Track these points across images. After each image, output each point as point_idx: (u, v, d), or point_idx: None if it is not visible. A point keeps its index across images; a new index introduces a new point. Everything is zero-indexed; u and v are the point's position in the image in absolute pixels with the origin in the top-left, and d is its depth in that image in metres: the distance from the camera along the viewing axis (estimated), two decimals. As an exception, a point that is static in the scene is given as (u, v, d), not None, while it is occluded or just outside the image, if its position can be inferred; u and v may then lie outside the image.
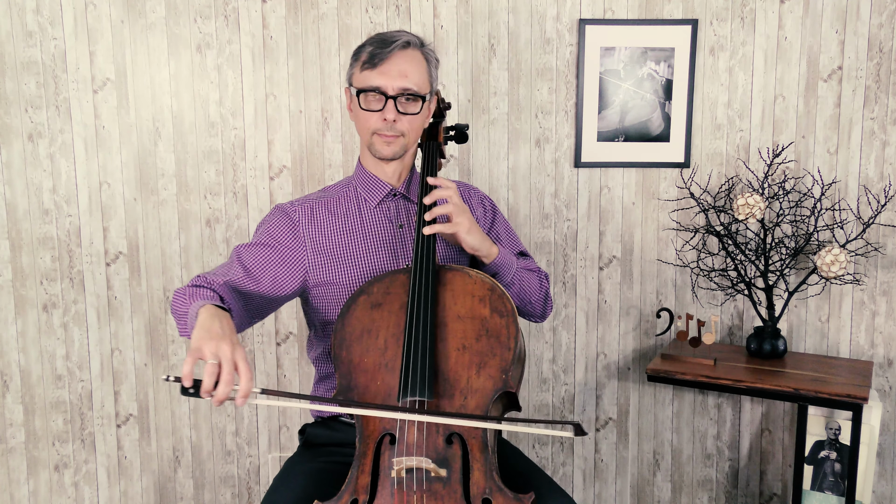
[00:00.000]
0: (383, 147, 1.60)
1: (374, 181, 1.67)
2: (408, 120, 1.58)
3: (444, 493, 1.35)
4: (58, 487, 2.42)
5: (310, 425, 1.71)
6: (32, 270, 2.32)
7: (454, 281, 1.50)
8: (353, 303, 1.50)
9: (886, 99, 2.30)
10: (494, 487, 1.36)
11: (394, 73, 1.55)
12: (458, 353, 1.45)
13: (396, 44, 1.56)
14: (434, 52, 1.64)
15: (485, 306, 1.48)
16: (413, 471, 1.35)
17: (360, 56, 1.59)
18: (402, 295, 1.50)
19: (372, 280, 1.53)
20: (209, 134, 2.31)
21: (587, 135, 2.34)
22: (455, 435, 1.39)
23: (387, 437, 1.40)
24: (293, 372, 2.42)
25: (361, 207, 1.67)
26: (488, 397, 1.41)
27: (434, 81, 1.64)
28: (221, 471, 2.46)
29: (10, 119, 2.26)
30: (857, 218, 2.34)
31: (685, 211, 2.39)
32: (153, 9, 2.25)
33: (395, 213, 1.67)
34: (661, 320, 2.42)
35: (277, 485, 1.55)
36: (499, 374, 1.43)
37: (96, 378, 2.38)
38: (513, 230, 1.81)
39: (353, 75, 1.61)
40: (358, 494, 1.36)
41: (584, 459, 2.51)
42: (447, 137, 1.80)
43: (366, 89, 1.56)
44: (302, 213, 1.64)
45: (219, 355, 1.25)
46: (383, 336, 1.47)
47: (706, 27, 2.31)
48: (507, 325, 1.46)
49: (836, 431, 2.26)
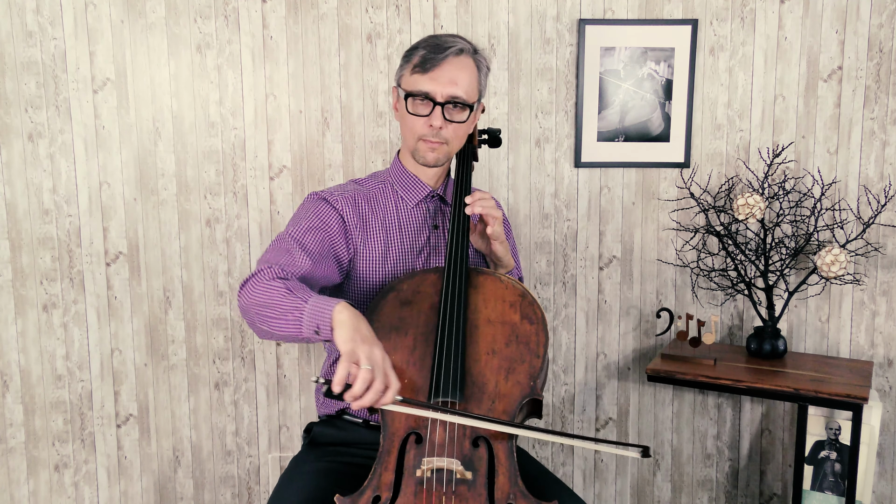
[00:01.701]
0: (427, 153, 1.59)
1: (414, 182, 1.67)
2: (453, 128, 1.58)
3: (468, 496, 1.34)
4: (58, 487, 2.42)
5: (316, 424, 1.71)
6: (32, 270, 2.32)
7: (486, 284, 1.51)
8: (382, 299, 1.50)
9: (886, 99, 2.30)
10: (519, 493, 1.35)
11: (444, 79, 1.54)
12: (488, 357, 1.45)
13: (450, 50, 1.54)
14: (486, 60, 1.63)
15: (515, 312, 1.48)
16: (440, 471, 1.35)
17: (412, 59, 1.57)
18: (433, 295, 1.50)
19: (402, 277, 1.52)
20: (209, 134, 2.31)
21: (587, 135, 2.34)
22: (482, 438, 1.39)
23: (412, 436, 1.39)
24: (293, 372, 2.42)
25: (399, 206, 1.67)
26: (515, 403, 1.41)
27: (483, 89, 1.63)
28: (221, 471, 2.46)
29: (10, 119, 2.26)
30: (857, 218, 2.34)
31: (685, 211, 2.39)
32: (153, 9, 2.25)
33: (431, 214, 1.68)
34: (661, 320, 2.42)
35: (284, 484, 1.55)
36: (527, 380, 1.43)
37: (96, 378, 2.38)
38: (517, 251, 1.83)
39: (403, 77, 1.60)
40: (381, 491, 1.35)
41: (584, 459, 2.51)
42: (481, 141, 1.81)
43: (414, 93, 1.55)
44: (344, 203, 1.62)
45: (373, 361, 1.24)
46: (412, 334, 1.47)
47: (706, 27, 2.31)
48: (536, 333, 1.46)
49: (836, 431, 2.26)
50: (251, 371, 2.41)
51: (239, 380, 2.41)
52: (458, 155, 1.70)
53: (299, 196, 2.35)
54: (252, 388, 2.42)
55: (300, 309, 1.34)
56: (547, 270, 2.42)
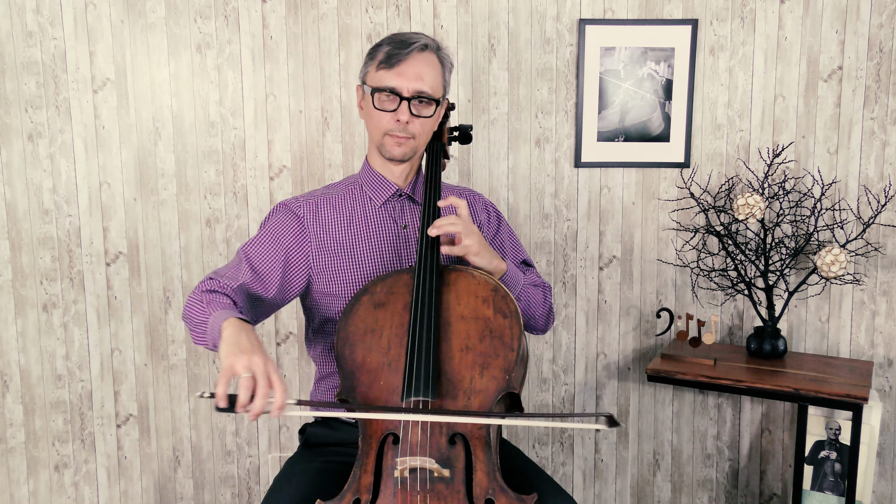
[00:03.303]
0: (394, 148, 1.59)
1: (381, 181, 1.66)
2: (420, 123, 1.58)
3: (447, 494, 1.35)
4: (58, 487, 2.42)
5: (310, 425, 1.71)
6: (32, 270, 2.32)
7: (458, 281, 1.50)
8: (356, 302, 1.50)
9: (886, 99, 2.30)
10: (497, 488, 1.36)
11: (410, 74, 1.55)
12: (462, 354, 1.44)
13: (415, 46, 1.55)
14: (449, 57, 1.63)
15: (488, 307, 1.48)
16: (416, 471, 1.35)
17: (377, 55, 1.58)
18: (406, 295, 1.49)
19: (375, 280, 1.52)
20: (209, 134, 2.31)
21: (587, 135, 2.34)
22: (458, 435, 1.39)
23: (390, 437, 1.40)
24: (293, 372, 2.42)
25: (366, 206, 1.67)
26: (491, 398, 1.41)
27: (447, 86, 1.64)
28: (221, 471, 2.46)
29: (10, 119, 2.26)
30: (857, 218, 2.34)
31: (685, 211, 2.39)
32: (153, 9, 2.25)
33: (399, 214, 1.67)
34: (661, 320, 2.42)
35: (278, 485, 1.55)
36: (502, 374, 1.43)
37: (96, 378, 2.38)
38: (517, 238, 1.81)
39: (368, 74, 1.60)
40: (360, 494, 1.36)
41: (584, 459, 2.51)
42: (451, 138, 1.81)
43: (380, 89, 1.56)
44: (307, 210, 1.63)
45: (252, 369, 1.24)
46: (387, 336, 1.47)
47: (706, 27, 2.31)
48: (510, 326, 1.46)
49: (836, 431, 2.26)
50: (251, 371, 2.41)
51: (239, 380, 2.41)
52: (427, 152, 1.70)
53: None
54: (252, 388, 2.42)
55: (205, 323, 1.39)
56: (547, 270, 2.42)
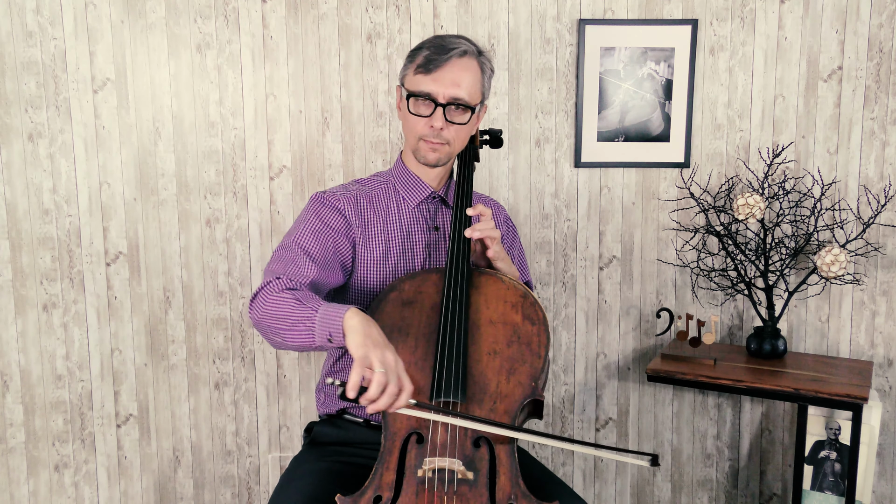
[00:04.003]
0: (428, 153, 1.59)
1: (416, 182, 1.67)
2: (455, 129, 1.58)
3: (469, 496, 1.34)
4: (58, 487, 2.42)
5: (316, 423, 1.70)
6: (32, 270, 2.32)
7: (487, 285, 1.51)
8: (384, 299, 1.50)
9: (886, 99, 2.30)
10: (520, 493, 1.35)
11: (447, 81, 1.54)
12: (489, 358, 1.44)
13: (454, 52, 1.54)
14: (490, 62, 1.62)
15: (517, 313, 1.48)
16: (441, 471, 1.35)
17: (416, 58, 1.57)
18: (434, 295, 1.50)
19: (403, 277, 1.52)
20: (209, 134, 2.31)
21: (587, 135, 2.34)
22: (483, 439, 1.39)
23: (414, 436, 1.39)
24: (293, 371, 2.42)
25: (400, 206, 1.67)
26: (517, 404, 1.41)
27: (486, 91, 1.63)
28: (221, 471, 2.46)
29: (10, 119, 2.26)
30: (857, 218, 2.34)
31: (685, 211, 2.39)
32: (153, 9, 2.25)
33: (431, 215, 1.68)
34: (661, 320, 2.42)
35: (284, 484, 1.55)
36: (528, 381, 1.43)
37: (96, 378, 2.38)
38: (525, 258, 1.83)
39: (406, 77, 1.59)
40: (382, 491, 1.35)
41: (584, 460, 2.51)
42: (482, 142, 1.82)
43: (416, 94, 1.55)
44: (346, 203, 1.63)
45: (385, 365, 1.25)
46: (414, 335, 1.47)
47: (706, 27, 2.31)
48: (538, 333, 1.46)
49: (836, 431, 2.26)
50: (251, 371, 2.41)
51: (239, 380, 2.41)
52: (459, 156, 1.70)
53: (299, 196, 2.35)
54: (252, 388, 2.42)
55: (311, 318, 1.35)
56: (547, 270, 2.42)
